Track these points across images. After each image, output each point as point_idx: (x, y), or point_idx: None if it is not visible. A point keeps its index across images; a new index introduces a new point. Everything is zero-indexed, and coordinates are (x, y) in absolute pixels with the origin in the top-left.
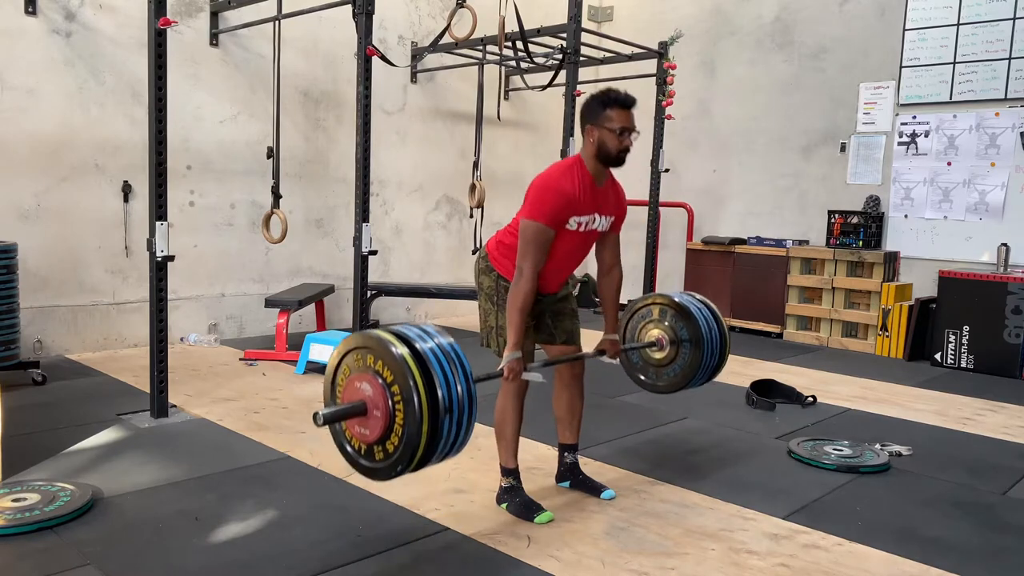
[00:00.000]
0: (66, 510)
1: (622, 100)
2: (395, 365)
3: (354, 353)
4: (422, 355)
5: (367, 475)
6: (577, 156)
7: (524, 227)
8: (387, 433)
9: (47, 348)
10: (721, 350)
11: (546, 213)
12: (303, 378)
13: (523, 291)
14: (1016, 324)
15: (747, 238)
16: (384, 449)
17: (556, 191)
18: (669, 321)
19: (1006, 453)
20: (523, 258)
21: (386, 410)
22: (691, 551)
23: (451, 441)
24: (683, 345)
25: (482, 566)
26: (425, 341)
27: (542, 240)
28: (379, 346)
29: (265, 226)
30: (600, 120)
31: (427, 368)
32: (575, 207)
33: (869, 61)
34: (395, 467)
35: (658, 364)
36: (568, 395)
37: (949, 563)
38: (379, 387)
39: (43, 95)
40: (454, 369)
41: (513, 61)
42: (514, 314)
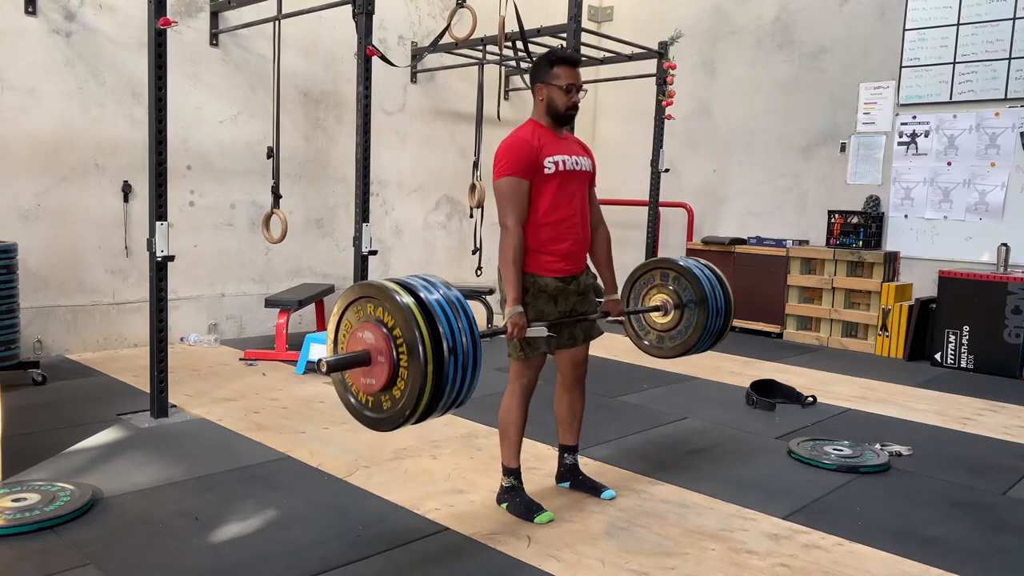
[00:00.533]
0: (66, 510)
1: (568, 58)
2: (400, 314)
3: (358, 303)
4: (427, 305)
5: (372, 426)
6: (530, 119)
7: (496, 187)
8: (392, 381)
9: (47, 348)
10: (726, 312)
11: (511, 163)
12: (303, 378)
13: (512, 245)
14: (1016, 324)
15: (747, 238)
16: (391, 396)
17: (515, 141)
18: (673, 285)
19: (1006, 453)
20: (504, 215)
21: (390, 357)
22: (691, 551)
23: (456, 390)
24: (687, 308)
25: (482, 566)
26: (430, 292)
27: (517, 192)
28: (384, 295)
29: (265, 226)
30: (548, 78)
31: (432, 318)
32: (542, 150)
33: (869, 61)
34: (402, 414)
35: (663, 329)
36: (569, 397)
37: (949, 563)
38: (383, 336)
39: (43, 95)
40: (459, 319)
41: (513, 61)
42: (508, 268)
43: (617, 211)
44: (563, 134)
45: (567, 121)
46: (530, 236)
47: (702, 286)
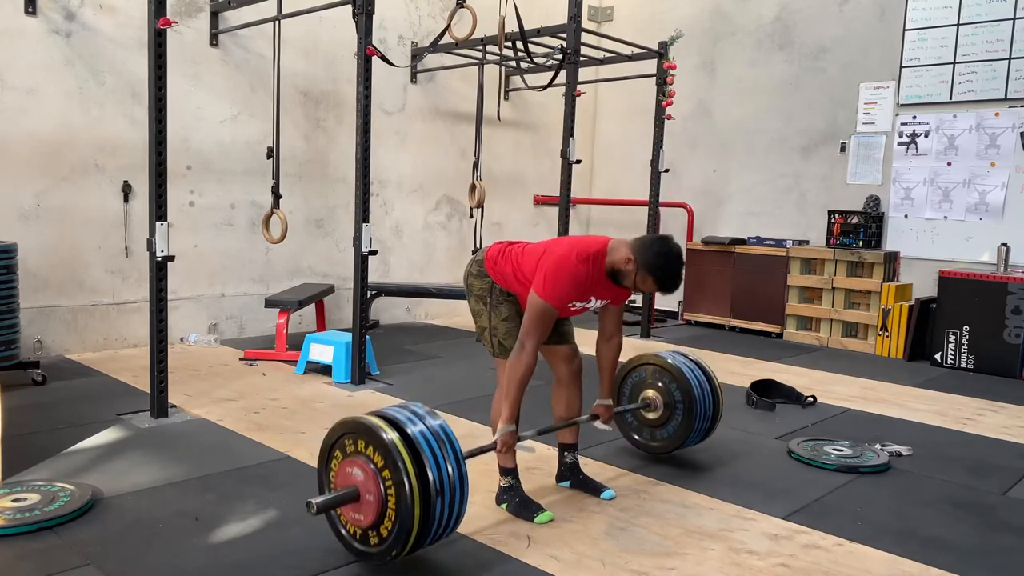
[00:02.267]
0: (66, 510)
1: (668, 286)
2: (385, 450)
3: (345, 438)
4: (412, 439)
5: (362, 559)
6: (602, 243)
7: (533, 302)
8: (381, 518)
9: (47, 348)
10: (714, 410)
11: (558, 297)
12: (303, 378)
13: (525, 364)
14: (1016, 324)
15: (747, 238)
16: (379, 534)
17: (572, 278)
18: (662, 382)
19: (1006, 453)
20: (527, 334)
21: (378, 495)
22: (691, 551)
23: (444, 523)
24: (676, 406)
25: (482, 566)
26: (415, 424)
27: (548, 319)
28: (368, 432)
29: (265, 226)
30: (643, 271)
31: (417, 452)
32: (581, 294)
33: (869, 61)
34: (390, 551)
35: (652, 424)
36: (567, 394)
37: (949, 563)
38: (371, 472)
39: (43, 95)
40: (444, 451)
41: (513, 61)
42: (513, 388)
43: (617, 211)
44: None
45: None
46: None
47: (689, 383)
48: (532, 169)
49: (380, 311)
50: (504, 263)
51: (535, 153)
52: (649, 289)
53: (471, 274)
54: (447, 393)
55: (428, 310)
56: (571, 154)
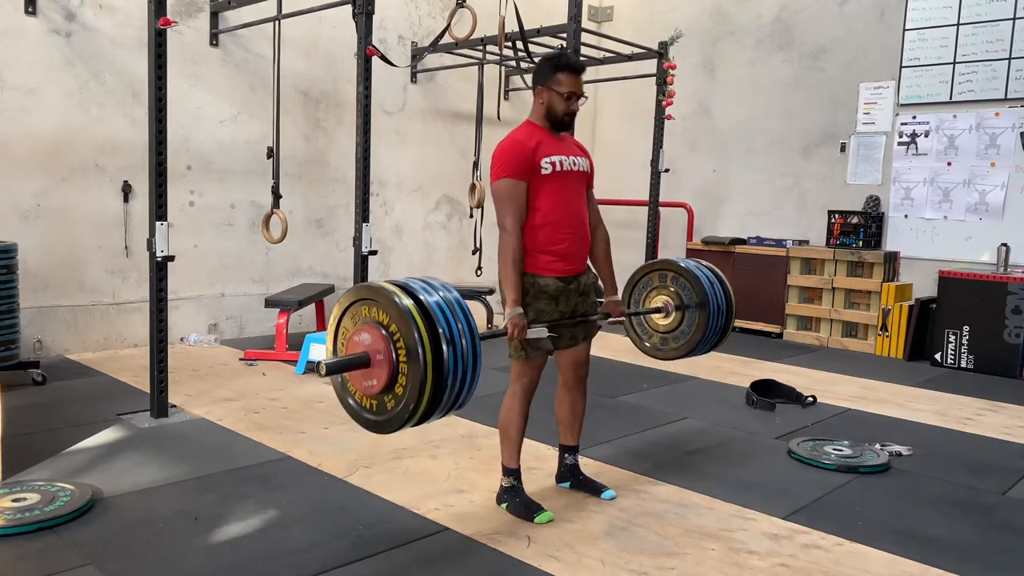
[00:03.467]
0: (66, 510)
1: (573, 65)
2: (399, 316)
3: (357, 306)
4: (426, 306)
5: (373, 428)
6: (527, 120)
7: (494, 189)
8: (392, 382)
9: (47, 348)
10: (727, 311)
11: (508, 165)
12: (303, 378)
13: (510, 246)
14: (1016, 324)
15: (747, 238)
16: (393, 397)
17: (511, 143)
18: (673, 286)
19: (1006, 453)
20: (502, 217)
21: (390, 359)
22: (691, 551)
23: (456, 391)
24: (689, 309)
25: (482, 566)
26: (429, 294)
27: (515, 194)
28: (383, 297)
29: (265, 226)
30: (550, 82)
31: (431, 319)
32: (538, 151)
33: (869, 61)
34: (402, 416)
35: (665, 330)
36: (571, 398)
37: (949, 563)
38: (382, 337)
39: (43, 95)
40: (458, 321)
41: (513, 61)
42: (507, 270)
43: (617, 211)
44: (560, 135)
45: (564, 127)
46: (528, 237)
47: (703, 286)
48: None
49: None
50: None
51: None
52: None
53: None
54: None
55: None
56: None
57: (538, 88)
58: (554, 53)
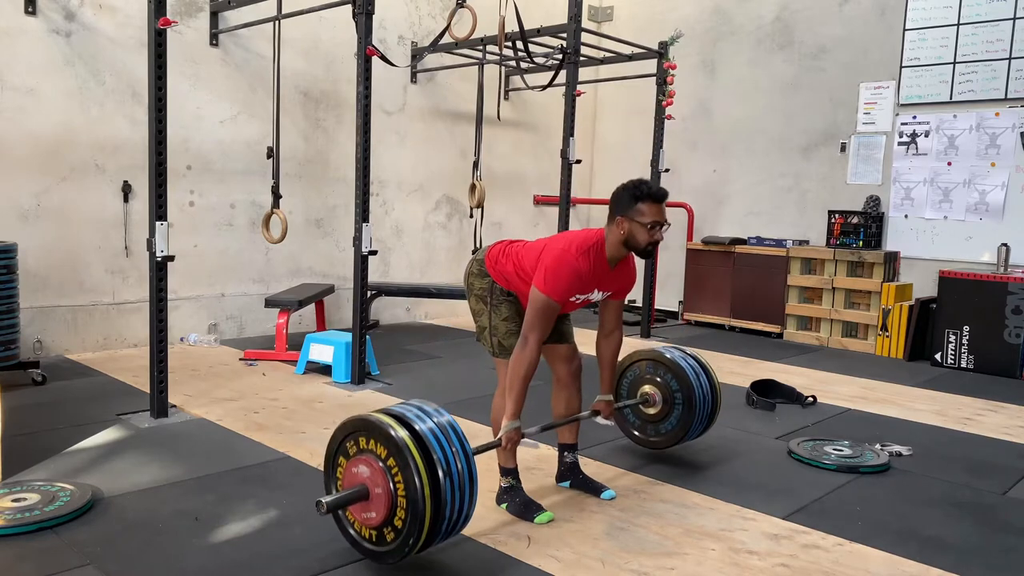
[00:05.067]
0: (66, 510)
1: (655, 194)
2: (395, 447)
3: (352, 437)
4: (421, 435)
5: (376, 559)
6: (600, 234)
7: (535, 298)
8: (392, 511)
9: (47, 348)
10: (713, 402)
11: (560, 291)
12: (303, 378)
13: (528, 360)
14: (1016, 324)
15: (747, 238)
16: (393, 527)
17: (573, 272)
18: (660, 377)
19: (1006, 453)
20: (530, 328)
21: (388, 489)
22: (691, 551)
23: (455, 518)
24: (675, 400)
25: (482, 566)
26: (423, 421)
27: (550, 313)
28: (377, 430)
29: (265, 226)
30: (631, 213)
31: (427, 450)
32: (583, 287)
33: (869, 61)
34: (404, 546)
35: (652, 420)
36: (567, 394)
37: (949, 563)
38: (379, 469)
39: (43, 95)
40: (452, 445)
41: (513, 61)
42: (516, 383)
43: None
44: (617, 265)
45: (646, 257)
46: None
47: (689, 381)
48: (532, 169)
49: (380, 311)
50: (505, 262)
51: (535, 153)
52: (649, 215)
53: (472, 273)
54: (447, 393)
55: (428, 310)
56: (571, 154)
57: (617, 218)
58: (633, 182)
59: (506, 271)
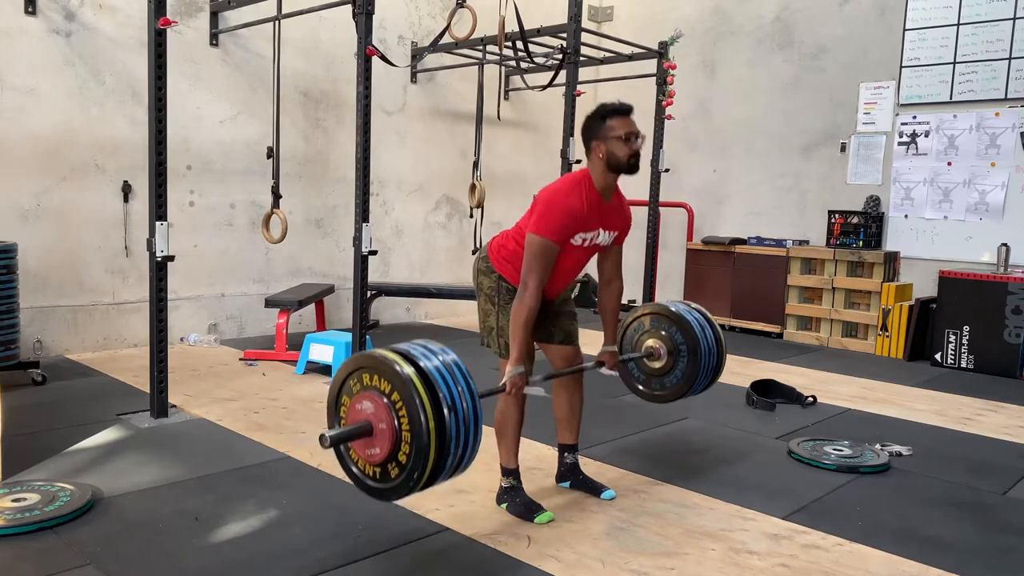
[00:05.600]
0: (66, 510)
1: (620, 108)
2: (401, 384)
3: (357, 374)
4: (427, 374)
5: (378, 496)
6: (585, 171)
7: (531, 241)
8: (395, 451)
9: (47, 348)
10: (718, 354)
11: (554, 230)
12: (303, 378)
13: (527, 306)
14: (1016, 324)
15: (747, 238)
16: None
17: (564, 208)
18: (665, 330)
19: (1006, 453)
20: (528, 272)
21: (392, 428)
22: (691, 551)
23: (458, 457)
24: (680, 353)
25: (482, 566)
26: (429, 359)
27: (548, 256)
28: (384, 367)
29: (265, 226)
30: (603, 132)
31: (433, 387)
32: (581, 224)
33: (869, 61)
34: (407, 483)
35: (657, 374)
36: (568, 395)
37: (949, 563)
38: (385, 407)
39: (43, 95)
40: (458, 384)
41: (513, 61)
42: (518, 329)
43: None
44: (611, 198)
45: (632, 171)
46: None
47: (694, 333)
48: (532, 169)
49: (380, 311)
50: (506, 242)
51: (535, 153)
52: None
53: (479, 271)
54: None
55: (428, 310)
56: (571, 154)
57: (593, 144)
58: (595, 108)
59: (508, 249)
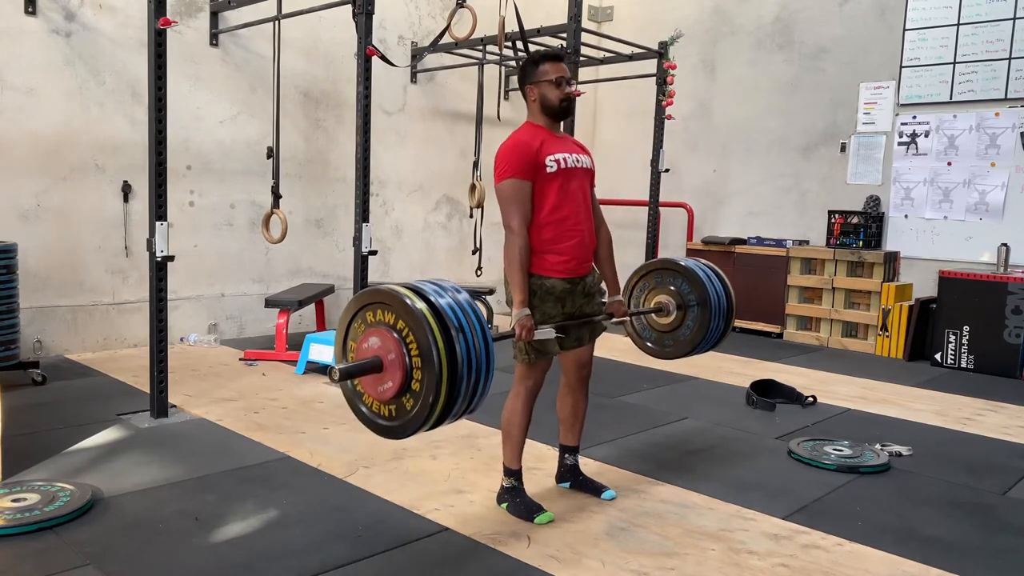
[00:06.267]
0: (66, 510)
1: (551, 54)
2: (413, 319)
3: (367, 309)
4: (439, 309)
5: (387, 434)
6: (527, 122)
7: (499, 190)
8: (406, 386)
9: (47, 348)
10: (728, 309)
11: (513, 165)
12: (303, 378)
13: (517, 246)
14: (1016, 324)
15: (747, 238)
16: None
17: (514, 143)
18: (674, 286)
19: (1006, 453)
20: (508, 217)
21: (403, 363)
22: (691, 551)
23: (470, 393)
24: (690, 308)
25: (482, 566)
26: (441, 296)
27: (520, 194)
28: (395, 301)
29: (265, 226)
30: (536, 76)
31: (444, 322)
32: (541, 149)
33: (869, 61)
34: (417, 420)
35: (666, 329)
36: (573, 398)
37: (949, 563)
38: (395, 341)
39: (43, 95)
40: (471, 322)
41: (513, 61)
42: (515, 272)
43: (617, 211)
44: (561, 133)
45: (565, 114)
46: (534, 236)
47: (703, 284)
48: None
49: None
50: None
51: None
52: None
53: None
54: None
55: None
56: None
57: (527, 88)
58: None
59: None
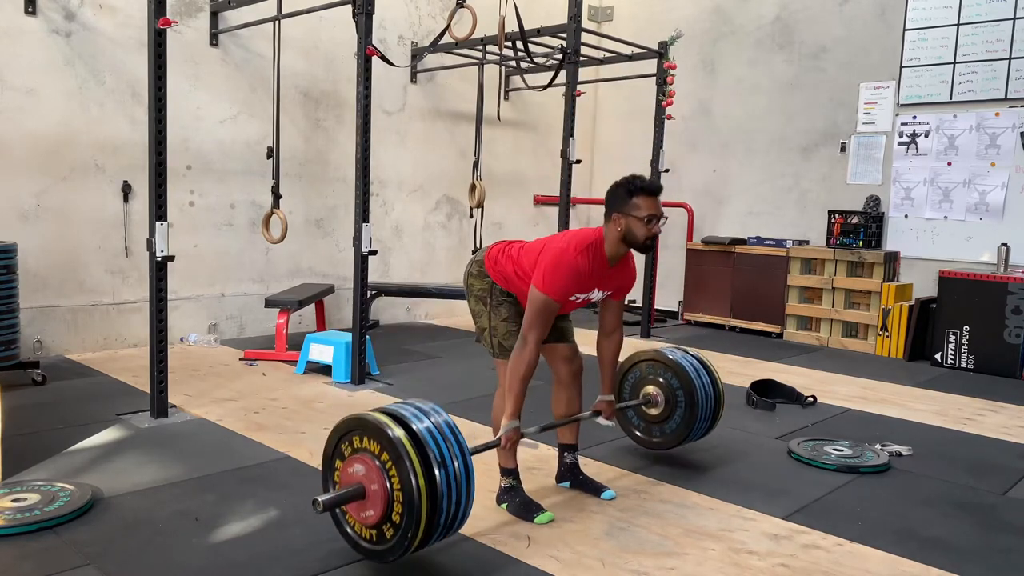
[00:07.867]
0: (66, 510)
1: (649, 187)
2: (390, 446)
3: (348, 436)
4: (418, 435)
5: (374, 557)
6: (598, 232)
7: (534, 297)
8: (388, 511)
9: (47, 348)
10: (716, 403)
11: (558, 289)
12: (303, 378)
13: (526, 361)
14: (1016, 324)
15: (747, 238)
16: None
17: (571, 270)
18: (663, 378)
19: (1006, 453)
20: (529, 328)
21: (384, 490)
22: (691, 551)
23: (451, 515)
24: (678, 400)
25: (482, 566)
26: (420, 420)
27: (549, 313)
28: (374, 429)
29: (265, 226)
30: (627, 208)
31: (422, 446)
32: (582, 286)
33: (869, 61)
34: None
35: (656, 420)
36: (567, 395)
37: (949, 563)
38: (376, 468)
39: (43, 95)
40: (449, 445)
41: (513, 61)
42: (515, 383)
43: None
44: (617, 263)
45: (645, 251)
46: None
47: (692, 381)
48: (532, 169)
49: (380, 311)
50: (505, 262)
51: (535, 153)
52: (645, 208)
53: (471, 274)
54: (447, 393)
55: (428, 310)
56: (571, 154)
57: (614, 215)
58: (627, 178)
59: (505, 271)
